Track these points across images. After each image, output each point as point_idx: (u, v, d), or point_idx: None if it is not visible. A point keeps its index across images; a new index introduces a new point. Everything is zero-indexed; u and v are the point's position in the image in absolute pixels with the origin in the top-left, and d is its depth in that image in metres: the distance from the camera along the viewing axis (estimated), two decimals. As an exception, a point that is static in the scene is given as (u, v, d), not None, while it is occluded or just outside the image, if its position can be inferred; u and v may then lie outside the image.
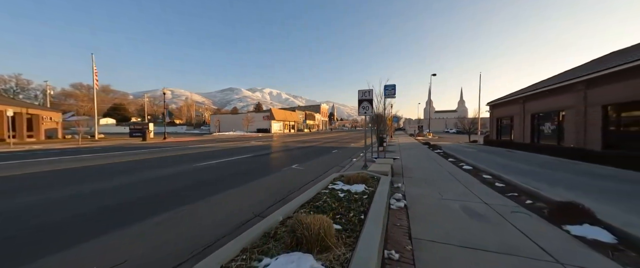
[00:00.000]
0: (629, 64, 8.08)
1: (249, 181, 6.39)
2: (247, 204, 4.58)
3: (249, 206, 4.42)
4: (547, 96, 12.66)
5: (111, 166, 8.54)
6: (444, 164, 8.91)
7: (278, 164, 9.29)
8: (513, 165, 8.90)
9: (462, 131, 43.47)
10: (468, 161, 9.48)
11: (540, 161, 9.89)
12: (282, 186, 5.89)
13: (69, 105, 76.01)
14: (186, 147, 16.06)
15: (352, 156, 12.56)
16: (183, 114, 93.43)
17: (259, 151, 14.18)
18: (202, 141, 23.15)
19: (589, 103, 9.86)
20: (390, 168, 6.43)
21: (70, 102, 77.09)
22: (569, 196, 4.63)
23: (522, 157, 11.50)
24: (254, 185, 6.01)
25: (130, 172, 7.44)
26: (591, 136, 9.73)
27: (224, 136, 34.05)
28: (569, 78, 11.08)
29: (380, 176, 5.03)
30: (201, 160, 9.95)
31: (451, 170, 7.88)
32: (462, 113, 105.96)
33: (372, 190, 4.09)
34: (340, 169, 8.74)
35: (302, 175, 7.43)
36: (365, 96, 8.49)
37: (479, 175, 7.03)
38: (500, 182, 6.04)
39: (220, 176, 6.94)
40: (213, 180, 6.57)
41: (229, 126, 50.01)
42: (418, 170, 7.87)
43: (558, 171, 7.58)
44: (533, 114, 14.19)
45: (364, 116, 8.85)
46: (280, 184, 6.18)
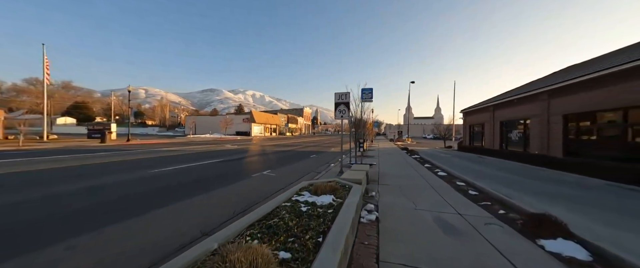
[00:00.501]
0: (583, 78, 8.64)
1: (210, 190, 5.68)
2: (198, 219, 3.92)
3: (201, 222, 3.78)
4: (515, 104, 13.34)
5: (37, 175, 7.19)
6: (420, 170, 8.83)
7: (249, 170, 8.60)
8: (484, 171, 9.05)
9: (438, 137, 45.36)
10: (443, 167, 9.51)
11: (509, 167, 10.23)
12: (247, 197, 5.28)
13: (22, 102, 67.83)
14: (150, 150, 14.64)
15: (331, 162, 12.19)
16: (156, 114, 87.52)
17: (232, 155, 13.28)
18: (172, 143, 21.50)
19: (551, 113, 10.44)
20: (365, 175, 6.10)
21: (24, 98, 68.88)
22: (539, 205, 4.58)
23: (492, 163, 11.89)
24: (215, 195, 5.32)
25: (59, 181, 6.29)
26: (553, 143, 10.28)
27: (199, 139, 32.14)
28: (534, 88, 11.74)
29: (353, 185, 4.63)
30: (161, 165, 8.94)
31: (426, 176, 7.78)
32: (439, 119, 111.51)
33: (340, 201, 3.66)
34: (316, 175, 8.29)
35: (272, 182, 6.84)
36: (342, 99, 8.18)
37: (453, 181, 6.96)
38: (473, 189, 5.96)
39: (178, 185, 6.13)
40: (168, 189, 5.76)
41: (206, 128, 47.52)
42: (394, 177, 7.66)
43: (526, 178, 7.77)
44: (502, 121, 14.91)
45: (341, 120, 8.53)
46: (245, 193, 5.55)
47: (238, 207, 4.62)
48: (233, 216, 4.11)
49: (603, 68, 7.99)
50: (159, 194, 5.27)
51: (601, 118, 8.58)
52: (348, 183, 4.83)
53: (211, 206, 4.76)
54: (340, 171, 8.16)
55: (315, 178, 7.45)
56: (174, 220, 3.90)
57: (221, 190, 5.73)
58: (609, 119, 8.30)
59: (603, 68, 7.99)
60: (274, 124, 60.67)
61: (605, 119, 8.47)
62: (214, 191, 5.59)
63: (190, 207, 4.57)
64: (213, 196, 5.31)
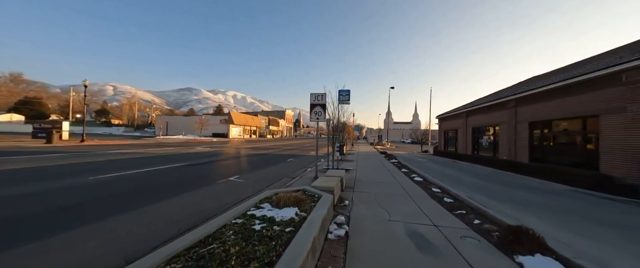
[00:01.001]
0: (544, 88, 9.12)
1: (159, 201, 4.87)
2: (128, 241, 3.18)
3: (130, 245, 3.05)
4: (486, 111, 13.92)
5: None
6: (397, 176, 8.65)
7: (214, 176, 7.79)
8: (459, 177, 9.12)
9: (415, 141, 46.71)
10: (419, 172, 9.45)
11: (481, 173, 10.48)
12: (201, 209, 4.57)
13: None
14: (102, 153, 13.02)
15: (308, 166, 11.67)
16: (124, 113, 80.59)
17: (199, 158, 12.22)
18: (135, 145, 19.56)
19: (518, 120, 10.94)
20: (339, 182, 5.67)
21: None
22: (513, 213, 4.46)
23: (465, 168, 12.19)
24: (161, 207, 4.54)
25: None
26: (520, 149, 10.75)
27: (169, 140, 29.86)
28: (503, 96, 12.30)
29: (322, 195, 4.16)
30: (110, 170, 7.79)
31: (403, 182, 7.57)
32: (416, 125, 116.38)
33: (304, 215, 3.17)
34: (290, 181, 7.73)
35: (236, 190, 6.15)
36: (318, 101, 7.75)
37: (429, 187, 6.80)
38: (448, 196, 5.79)
39: (112, 196, 5.21)
40: (95, 202, 4.85)
41: (179, 129, 44.54)
42: (371, 183, 7.34)
43: (497, 184, 7.88)
44: (474, 128, 15.51)
45: (317, 123, 8.08)
46: (197, 205, 4.83)
47: (191, 220, 3.93)
48: (187, 230, 3.42)
49: (557, 81, 8.47)
50: (79, 210, 4.34)
51: (563, 126, 9.08)
52: (318, 192, 4.36)
53: (168, 215, 4.01)
54: (315, 177, 7.69)
55: (287, 185, 6.90)
56: (115, 234, 3.14)
57: (169, 202, 4.92)
58: (569, 128, 8.79)
59: (557, 81, 8.47)
60: (253, 126, 58.76)
61: (566, 127, 8.97)
62: (159, 204, 4.76)
63: (141, 217, 3.79)
64: (169, 205, 4.53)
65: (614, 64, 6.73)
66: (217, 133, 45.65)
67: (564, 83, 8.05)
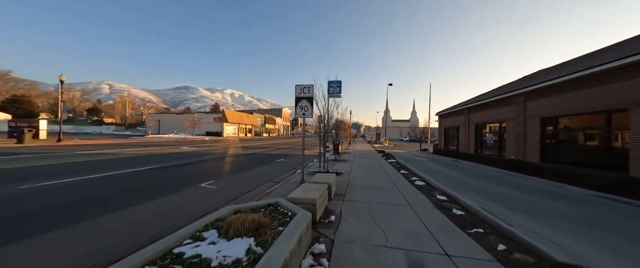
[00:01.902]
0: (561, 79, 8.15)
1: (92, 218, 3.83)
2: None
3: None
4: (490, 107, 12.97)
5: None
6: (396, 179, 7.65)
7: (183, 182, 6.73)
8: (464, 180, 8.16)
9: (414, 139, 46.03)
10: (420, 175, 8.48)
11: (487, 174, 9.54)
12: (138, 232, 3.53)
13: (-60, 93, 56.62)
14: (74, 154, 11.89)
15: (299, 167, 10.67)
16: (117, 112, 78.78)
17: (179, 159, 11.14)
18: (118, 145, 18.38)
19: (528, 116, 9.99)
20: (325, 190, 4.66)
21: (-56, 89, 57.56)
22: (541, 230, 3.48)
23: (469, 168, 11.25)
24: (79, 232, 3.47)
25: None
26: (530, 148, 9.80)
27: (157, 139, 28.64)
28: (509, 90, 11.33)
29: (298, 212, 3.15)
30: (62, 176, 6.70)
31: (403, 186, 6.58)
32: (414, 122, 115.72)
33: (260, 253, 2.15)
34: (273, 185, 6.71)
35: (201, 201, 5.11)
36: (304, 93, 6.70)
37: (433, 194, 5.81)
38: (457, 206, 4.81)
39: (42, 212, 4.15)
40: (14, 220, 3.79)
41: (172, 128, 43.18)
42: (366, 189, 6.34)
43: (509, 188, 6.93)
44: (477, 125, 14.57)
45: (303, 119, 7.04)
46: (143, 223, 3.79)
47: (122, 244, 2.89)
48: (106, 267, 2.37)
49: (582, 69, 7.48)
50: (34, 220, 3.29)
51: (581, 122, 8.12)
52: (293, 208, 3.33)
53: (94, 238, 2.97)
54: (301, 181, 6.68)
55: (267, 193, 5.88)
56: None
57: (99, 222, 3.84)
58: (591, 124, 7.82)
59: (582, 69, 7.48)
60: (249, 124, 57.45)
61: (585, 124, 8.01)
62: (85, 223, 3.70)
63: (55, 242, 2.76)
64: (106, 222, 3.48)
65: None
66: (211, 132, 44.36)
67: (590, 71, 7.05)
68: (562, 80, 8.09)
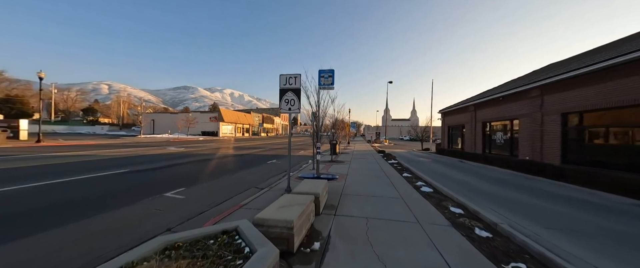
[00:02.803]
0: (589, 68, 7.09)
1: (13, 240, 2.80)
2: None
3: None
4: (500, 103, 11.91)
5: None
6: (399, 185, 6.60)
7: (151, 188, 5.70)
8: (478, 186, 7.12)
9: (415, 138, 45.00)
10: (427, 180, 7.43)
11: (500, 178, 8.49)
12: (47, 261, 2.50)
13: None
14: (47, 156, 10.90)
15: (290, 169, 9.63)
16: (113, 112, 77.65)
17: (157, 162, 10.09)
18: (101, 146, 17.34)
19: (546, 111, 8.93)
20: (310, 204, 3.62)
21: (-63, 89, 56.45)
22: (601, 263, 2.44)
23: (478, 170, 10.21)
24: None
25: None
26: (548, 148, 8.75)
27: (148, 140, 27.61)
28: (523, 84, 10.27)
29: (259, 248, 2.11)
30: (13, 182, 5.67)
31: (408, 195, 5.53)
32: (414, 121, 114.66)
33: None
34: (254, 193, 5.69)
35: (155, 217, 4.08)
36: (290, 84, 5.66)
37: (445, 205, 4.77)
38: (480, 225, 3.78)
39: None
40: None
41: (167, 128, 42.07)
42: (363, 198, 5.30)
43: (534, 197, 5.88)
44: (484, 122, 13.52)
45: (289, 116, 6.00)
46: (53, 254, 2.76)
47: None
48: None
49: (621, 53, 6.39)
50: None
51: (616, 117, 7.02)
52: (256, 239, 2.29)
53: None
54: (286, 189, 5.65)
55: (242, 205, 4.84)
56: None
57: (36, 237, 2.84)
58: (630, 119, 6.72)
59: (621, 53, 6.39)
60: (246, 124, 56.32)
61: (622, 119, 6.91)
62: (24, 239, 2.70)
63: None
64: (19, 248, 2.46)
65: None
66: (207, 132, 43.28)
67: (633, 56, 5.99)
68: (597, 68, 6.97)
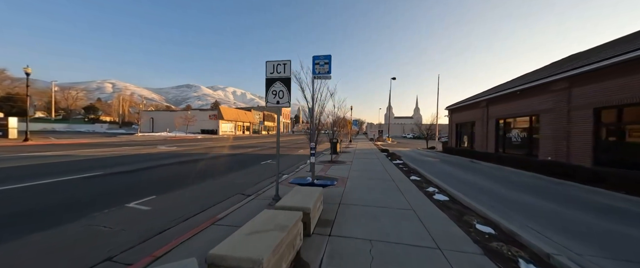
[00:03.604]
0: (629, 55, 6.02)
1: None
2: None
3: None
4: (517, 98, 10.82)
5: None
6: (408, 192, 5.64)
7: (110, 198, 4.82)
8: (501, 193, 6.13)
9: (418, 136, 43.80)
10: (439, 184, 6.45)
11: (524, 182, 7.48)
12: None
13: None
14: (22, 156, 10.16)
15: (286, 170, 8.78)
16: (114, 110, 77.50)
17: (139, 163, 9.26)
18: (90, 145, 16.63)
19: (574, 106, 7.86)
20: (294, 227, 2.69)
21: (-61, 87, 56.65)
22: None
23: (495, 173, 9.19)
24: None
25: None
26: (577, 147, 7.70)
27: (144, 138, 26.93)
28: (545, 75, 9.18)
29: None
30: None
31: (421, 206, 4.57)
32: (418, 119, 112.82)
33: None
34: (240, 201, 4.80)
35: (106, 235, 3.19)
36: (278, 73, 4.71)
37: (469, 221, 3.81)
38: (519, 251, 2.82)
39: None
40: None
41: (166, 126, 41.48)
42: (366, 211, 4.35)
43: (572, 207, 4.87)
44: (498, 119, 12.44)
45: (278, 111, 5.05)
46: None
47: None
48: None
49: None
50: None
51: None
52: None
53: None
54: (275, 196, 4.73)
55: (218, 219, 3.93)
56: None
57: None
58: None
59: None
60: (247, 121, 55.53)
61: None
62: None
63: None
64: None
65: None
66: (206, 130, 42.59)
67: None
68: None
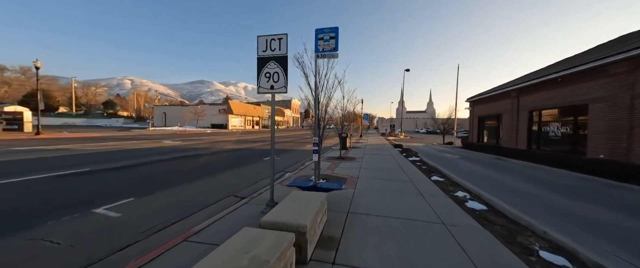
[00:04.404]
0: None
1: None
2: None
3: None
4: (557, 86, 9.29)
5: None
6: (432, 198, 4.59)
7: (81, 200, 4.16)
8: (552, 199, 4.95)
9: (433, 131, 41.54)
10: (468, 186, 5.34)
11: (575, 185, 6.19)
12: None
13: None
14: (23, 150, 9.96)
15: (289, 167, 7.96)
16: (130, 105, 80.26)
17: (134, 158, 8.73)
18: (99, 139, 16.63)
19: (639, 92, 6.39)
20: (283, 261, 1.80)
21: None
22: None
23: (531, 173, 7.87)
24: None
25: None
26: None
27: (156, 132, 27.12)
28: (598, 57, 7.63)
29: None
30: None
31: (452, 218, 3.54)
32: (431, 113, 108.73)
33: None
34: (233, 204, 3.99)
35: (40, 257, 2.44)
36: (272, 50, 3.76)
37: (523, 243, 2.76)
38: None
39: None
40: None
41: (177, 120, 42.04)
42: (381, 224, 3.38)
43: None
44: (531, 111, 10.91)
45: (273, 97, 4.13)
46: None
47: None
48: None
49: None
50: None
51: None
52: None
53: None
54: (269, 202, 3.87)
55: (195, 234, 3.12)
56: None
57: None
58: None
59: None
60: (256, 116, 55.39)
61: None
62: None
63: None
64: None
65: None
66: (216, 124, 42.74)
67: None
68: None
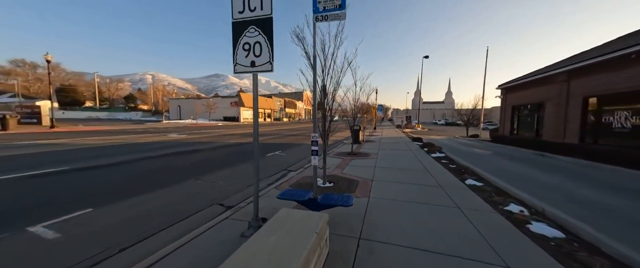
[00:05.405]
0: None
1: None
2: None
3: None
4: (627, 65, 7.35)
5: None
6: (476, 216, 3.34)
7: (23, 212, 3.40)
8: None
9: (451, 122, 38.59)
10: (527, 200, 3.99)
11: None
12: None
13: (9, 85, 64.82)
14: (25, 144, 9.77)
15: (292, 166, 6.99)
16: (149, 99, 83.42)
17: (128, 154, 8.13)
18: (109, 132, 16.65)
19: None
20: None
21: (12, 81, 65.77)
22: None
23: (597, 176, 6.25)
24: None
25: None
26: None
27: (168, 125, 27.32)
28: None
29: None
30: None
31: (515, 255, 2.31)
32: (449, 104, 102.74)
33: None
34: (217, 213, 3.03)
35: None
36: (250, 11, 2.61)
37: None
38: None
39: None
40: None
41: (191, 113, 42.66)
42: (406, 261, 2.22)
43: None
44: (587, 97, 8.98)
45: (255, 79, 3.03)
46: None
47: None
48: None
49: None
50: None
51: None
52: None
53: None
54: (253, 220, 2.85)
55: (149, 262, 2.16)
56: None
57: None
58: None
59: None
60: (268, 108, 54.99)
61: None
62: None
63: None
64: None
65: None
66: (228, 117, 42.83)
67: None
68: None
